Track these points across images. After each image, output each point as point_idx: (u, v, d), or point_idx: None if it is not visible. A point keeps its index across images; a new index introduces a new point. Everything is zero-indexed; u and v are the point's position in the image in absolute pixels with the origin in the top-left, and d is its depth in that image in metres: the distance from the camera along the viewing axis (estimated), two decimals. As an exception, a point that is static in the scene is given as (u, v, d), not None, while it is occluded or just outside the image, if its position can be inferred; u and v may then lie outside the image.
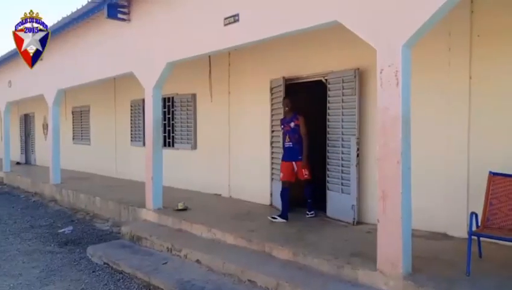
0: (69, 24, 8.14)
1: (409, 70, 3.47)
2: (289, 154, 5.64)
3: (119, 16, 6.83)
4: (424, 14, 3.25)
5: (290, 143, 5.63)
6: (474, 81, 4.39)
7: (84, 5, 7.14)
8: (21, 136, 16.97)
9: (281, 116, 5.96)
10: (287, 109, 5.72)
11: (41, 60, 8.54)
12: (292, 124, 5.62)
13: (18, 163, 16.15)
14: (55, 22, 8.41)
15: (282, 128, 5.79)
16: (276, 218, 5.50)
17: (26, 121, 16.62)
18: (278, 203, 6.15)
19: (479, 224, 3.69)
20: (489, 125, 4.34)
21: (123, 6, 6.81)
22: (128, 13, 6.89)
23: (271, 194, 6.51)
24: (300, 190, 5.74)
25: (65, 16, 8.01)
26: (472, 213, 3.58)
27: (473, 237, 3.50)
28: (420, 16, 3.27)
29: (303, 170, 5.54)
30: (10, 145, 13.80)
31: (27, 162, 16.43)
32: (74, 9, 7.57)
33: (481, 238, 3.81)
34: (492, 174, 3.78)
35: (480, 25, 4.35)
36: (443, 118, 4.63)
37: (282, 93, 6.05)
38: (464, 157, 4.47)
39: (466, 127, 4.45)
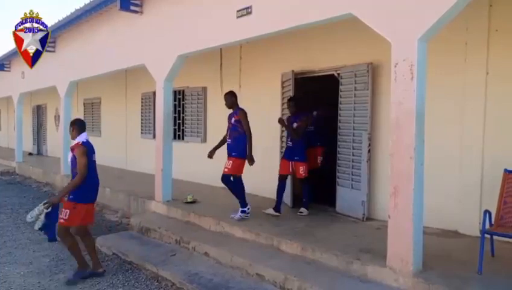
0: (82, 16, 8.18)
1: (425, 64, 3.40)
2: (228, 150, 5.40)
3: (132, 8, 6.84)
4: (441, 8, 3.18)
5: (229, 140, 5.41)
6: (491, 77, 4.29)
7: (97, -4, 7.18)
8: (33, 127, 17.17)
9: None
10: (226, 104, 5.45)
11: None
12: (233, 120, 5.37)
13: (30, 154, 16.36)
14: (68, 13, 8.48)
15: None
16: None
17: (39, 112, 16.81)
18: (286, 197, 6.13)
19: (493, 222, 3.62)
20: (505, 123, 4.24)
21: (136, -2, 6.83)
22: (140, 5, 6.90)
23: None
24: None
25: (78, 8, 8.06)
26: (486, 211, 3.52)
27: (485, 235, 3.44)
28: (437, 9, 3.20)
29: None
30: (23, 136, 13.98)
31: (39, 152, 16.63)
32: (87, 1, 7.60)
33: (494, 237, 3.73)
34: (508, 172, 3.71)
35: (499, 19, 4.25)
36: (458, 114, 4.55)
37: (291, 87, 6.00)
38: (478, 155, 4.39)
39: (481, 123, 4.36)
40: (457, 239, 4.40)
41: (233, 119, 5.39)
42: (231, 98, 5.46)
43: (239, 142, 5.33)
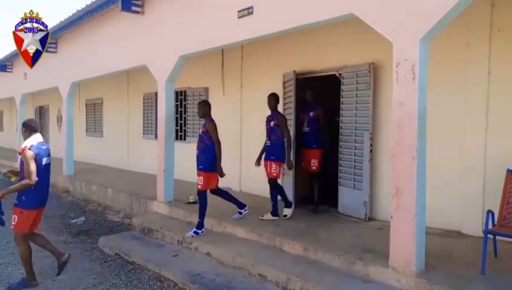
0: (84, 17, 8.21)
1: (426, 64, 3.40)
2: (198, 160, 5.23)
3: (133, 8, 6.85)
4: (443, 8, 3.17)
5: (197, 151, 5.25)
6: (493, 77, 4.28)
7: (98, -3, 7.19)
8: (35, 128, 17.17)
9: (292, 111, 5.92)
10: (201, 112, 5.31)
11: None
12: (200, 131, 5.26)
13: (32, 154, 16.36)
14: (70, 14, 8.50)
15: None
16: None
17: (41, 113, 16.85)
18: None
19: (495, 222, 3.62)
20: (508, 122, 4.23)
21: (137, -1, 6.84)
22: (142, 6, 6.91)
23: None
24: (307, 186, 5.70)
25: (80, 8, 8.08)
26: (488, 211, 3.51)
27: (488, 235, 3.43)
28: (439, 9, 3.20)
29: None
30: (25, 137, 13.99)
31: (41, 153, 16.63)
32: (89, 2, 7.61)
33: (497, 237, 3.73)
34: (510, 172, 3.69)
35: (501, 19, 4.23)
36: (460, 114, 4.54)
37: (293, 87, 6.00)
38: (480, 155, 4.38)
39: (483, 123, 4.35)
40: (460, 239, 4.39)
41: (201, 130, 5.24)
42: (203, 108, 5.29)
43: (206, 155, 5.13)
